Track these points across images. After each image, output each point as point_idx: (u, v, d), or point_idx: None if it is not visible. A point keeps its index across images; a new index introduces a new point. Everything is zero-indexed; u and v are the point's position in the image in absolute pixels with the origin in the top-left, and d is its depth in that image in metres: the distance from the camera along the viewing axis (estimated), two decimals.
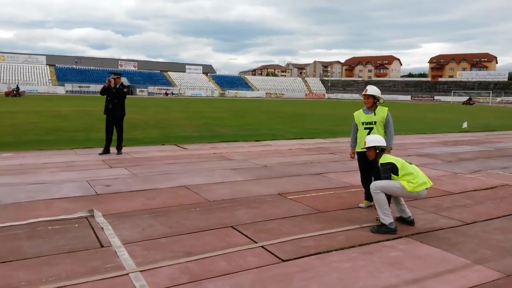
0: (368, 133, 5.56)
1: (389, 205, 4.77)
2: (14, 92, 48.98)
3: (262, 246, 4.10)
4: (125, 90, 9.87)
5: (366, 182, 5.65)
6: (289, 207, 5.61)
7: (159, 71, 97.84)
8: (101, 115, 10.24)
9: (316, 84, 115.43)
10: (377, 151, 4.95)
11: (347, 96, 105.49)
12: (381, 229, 4.64)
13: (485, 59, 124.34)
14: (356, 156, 5.91)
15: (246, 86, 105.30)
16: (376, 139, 5.01)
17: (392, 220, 4.64)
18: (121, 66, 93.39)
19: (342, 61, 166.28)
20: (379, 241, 4.36)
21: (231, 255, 3.85)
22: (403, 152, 11.37)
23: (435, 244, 4.33)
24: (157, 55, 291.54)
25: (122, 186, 6.52)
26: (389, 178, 4.72)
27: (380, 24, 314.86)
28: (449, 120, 26.13)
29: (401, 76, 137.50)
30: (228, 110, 32.41)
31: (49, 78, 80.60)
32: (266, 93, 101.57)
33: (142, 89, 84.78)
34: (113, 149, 9.84)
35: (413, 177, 4.66)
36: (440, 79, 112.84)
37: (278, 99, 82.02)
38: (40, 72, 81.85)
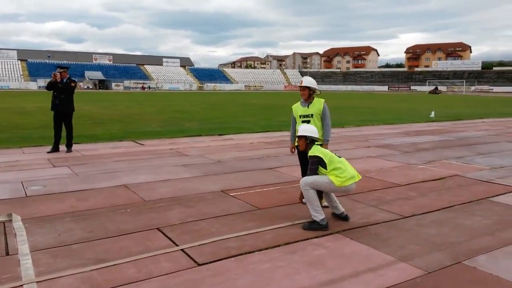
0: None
1: (321, 202, 4.62)
2: None
3: (182, 250, 3.89)
4: (72, 84, 9.45)
5: None
6: (227, 205, 5.41)
7: (135, 65, 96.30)
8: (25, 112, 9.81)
9: (295, 76, 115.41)
10: (308, 142, 4.78)
11: (325, 87, 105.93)
12: (312, 225, 4.49)
13: (460, 49, 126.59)
14: (296, 151, 5.73)
15: (225, 79, 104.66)
16: (308, 129, 4.84)
17: (323, 217, 4.49)
18: (95, 60, 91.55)
19: (321, 52, 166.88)
20: (307, 239, 4.20)
21: (144, 261, 3.62)
22: (363, 143, 11.33)
23: (364, 240, 4.19)
24: (134, 48, 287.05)
25: (58, 186, 6.20)
26: (316, 171, 4.56)
27: (358, 14, 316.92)
28: (420, 110, 26.36)
29: (379, 67, 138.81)
30: (202, 104, 32.04)
31: (21, 74, 78.40)
32: (245, 86, 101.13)
33: (118, 83, 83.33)
34: (63, 147, 9.46)
35: (341, 171, 4.51)
36: (416, 69, 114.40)
37: (256, 92, 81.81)
38: (11, 67, 79.53)
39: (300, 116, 5.48)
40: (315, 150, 4.64)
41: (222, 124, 16.53)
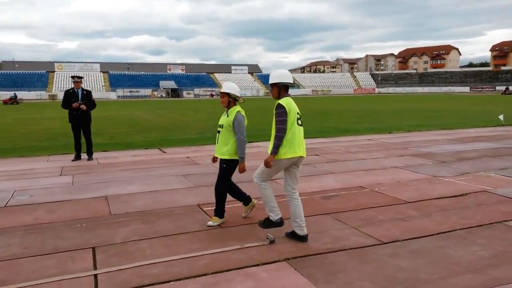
0: (217, 138, 4.83)
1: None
2: (12, 100, 51.65)
3: (95, 275, 3.53)
4: (92, 98, 9.70)
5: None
6: (189, 221, 4.97)
7: (205, 73, 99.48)
8: (121, 119, 10.02)
9: (365, 79, 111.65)
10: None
11: (399, 89, 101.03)
12: (266, 222, 4.27)
13: None
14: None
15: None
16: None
17: (279, 217, 4.20)
18: (169, 70, 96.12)
19: (396, 53, 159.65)
20: (244, 267, 3.62)
21: (44, 286, 3.32)
22: (399, 151, 10.22)
23: (309, 272, 3.51)
24: (209, 58, 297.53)
25: (42, 197, 6.21)
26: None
27: (439, 12, 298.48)
28: (494, 113, 23.69)
29: (460, 67, 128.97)
30: (255, 110, 31.89)
31: (103, 85, 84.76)
32: (312, 91, 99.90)
33: (189, 91, 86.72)
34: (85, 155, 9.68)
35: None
36: (502, 68, 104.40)
37: (323, 96, 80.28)
38: (95, 79, 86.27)
39: (219, 125, 4.91)
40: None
41: (259, 130, 16.06)
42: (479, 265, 3.61)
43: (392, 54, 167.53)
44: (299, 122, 4.22)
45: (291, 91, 4.46)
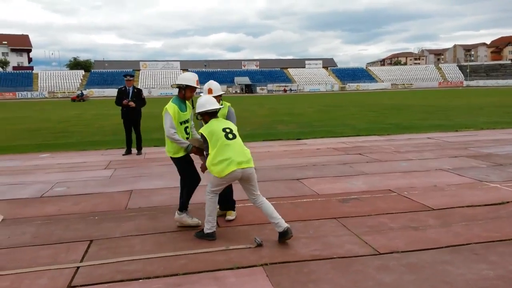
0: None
1: None
2: (79, 97, 55.30)
3: (77, 267, 3.71)
4: (142, 96, 10.20)
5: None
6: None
7: (279, 69, 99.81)
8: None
9: (452, 71, 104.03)
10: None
11: (491, 82, 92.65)
12: (199, 233, 4.33)
13: None
14: None
15: (369, 78, 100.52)
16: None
17: (211, 231, 4.22)
18: (244, 66, 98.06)
19: (489, 42, 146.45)
20: (218, 270, 3.57)
21: (30, 275, 3.56)
22: (455, 152, 9.38)
23: (279, 280, 3.36)
24: (286, 53, 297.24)
25: (78, 189, 6.68)
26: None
27: None
28: None
29: None
30: (321, 105, 31.30)
31: None
32: (391, 84, 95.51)
33: (262, 87, 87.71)
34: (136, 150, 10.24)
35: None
36: None
37: (403, 90, 76.34)
38: (175, 76, 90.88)
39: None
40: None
41: (317, 127, 15.77)
42: (476, 287, 3.18)
43: (483, 44, 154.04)
44: (229, 136, 4.18)
45: (369, 85, 4.42)
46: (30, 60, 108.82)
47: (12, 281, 3.45)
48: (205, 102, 4.36)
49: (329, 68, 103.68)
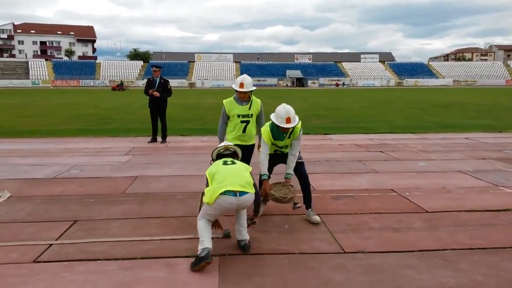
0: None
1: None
2: (119, 87, 57.37)
3: (50, 244, 3.95)
4: (168, 87, 10.49)
5: None
6: (178, 207, 5.13)
7: (333, 62, 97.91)
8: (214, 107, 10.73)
9: None
10: None
11: None
12: (194, 261, 3.47)
13: None
14: None
15: (429, 73, 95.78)
16: None
17: (202, 247, 3.47)
18: (296, 60, 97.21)
19: None
20: (174, 257, 3.66)
21: (8, 248, 3.85)
22: (487, 153, 8.80)
23: (226, 271, 3.38)
24: (343, 46, 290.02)
25: (90, 172, 7.05)
26: None
27: None
28: None
29: None
30: (369, 101, 30.35)
31: (234, 74, 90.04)
32: (453, 81, 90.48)
33: (314, 81, 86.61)
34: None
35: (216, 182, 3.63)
36: None
37: (464, 87, 72.06)
38: (228, 68, 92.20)
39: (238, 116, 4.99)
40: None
41: (352, 122, 15.38)
42: None
43: None
44: (229, 163, 3.80)
45: (428, 81, 4.43)
46: (94, 50, 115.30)
47: None
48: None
49: (386, 62, 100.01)
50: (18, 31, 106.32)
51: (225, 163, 3.80)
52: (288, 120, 4.37)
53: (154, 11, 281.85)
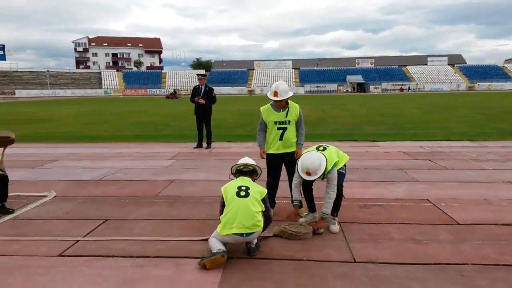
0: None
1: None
2: (172, 95, 57.68)
3: (77, 240, 4.26)
4: (213, 94, 10.81)
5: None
6: (203, 210, 5.28)
7: (397, 66, 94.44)
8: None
9: None
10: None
11: None
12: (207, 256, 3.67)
13: None
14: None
15: (505, 76, 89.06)
16: None
17: (216, 249, 3.67)
18: (358, 64, 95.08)
19: None
20: (184, 257, 3.79)
21: (39, 242, 4.22)
22: None
23: (230, 274, 3.45)
24: (410, 49, 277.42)
25: (132, 175, 7.46)
26: None
27: None
28: None
29: None
30: (431, 106, 28.86)
31: (293, 80, 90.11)
32: None
33: (376, 86, 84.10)
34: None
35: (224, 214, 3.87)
36: None
37: None
38: (286, 75, 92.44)
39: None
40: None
41: (406, 129, 14.77)
42: None
43: None
44: (242, 193, 3.88)
45: (504, 84, 4.52)
46: (160, 60, 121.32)
47: (22, 246, 4.14)
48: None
49: (455, 65, 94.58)
50: (92, 44, 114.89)
51: (238, 192, 3.89)
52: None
53: (217, 21, 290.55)
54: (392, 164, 8.25)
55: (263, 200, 3.97)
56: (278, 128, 4.93)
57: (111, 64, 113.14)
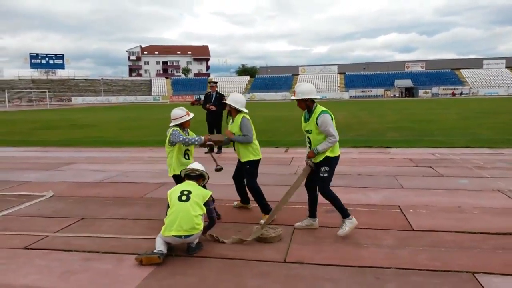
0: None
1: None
2: (197, 101, 57.55)
3: (46, 235, 4.74)
4: (224, 100, 11.16)
5: None
6: None
7: (449, 70, 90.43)
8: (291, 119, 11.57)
9: None
10: None
11: None
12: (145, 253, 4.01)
13: None
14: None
15: None
16: None
17: (156, 248, 3.99)
18: (407, 68, 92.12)
19: None
20: (130, 253, 4.11)
21: (11, 236, 4.74)
22: None
23: (160, 269, 3.72)
24: (468, 52, 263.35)
25: (132, 178, 7.95)
26: None
27: None
28: None
29: None
30: (475, 111, 27.52)
31: (338, 85, 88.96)
32: None
33: (426, 90, 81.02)
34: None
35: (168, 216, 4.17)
36: None
37: None
38: (331, 80, 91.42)
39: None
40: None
41: (430, 136, 14.31)
42: None
43: None
44: (183, 198, 4.15)
45: None
46: (208, 67, 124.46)
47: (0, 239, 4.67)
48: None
49: None
50: (144, 53, 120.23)
51: (180, 197, 4.18)
52: (294, 93, 4.65)
53: (266, 27, 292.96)
54: (388, 170, 8.16)
55: (205, 204, 4.23)
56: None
57: (161, 72, 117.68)
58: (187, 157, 5.18)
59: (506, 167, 8.21)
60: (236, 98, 5.23)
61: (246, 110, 5.24)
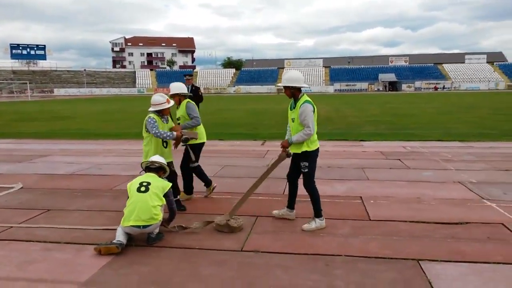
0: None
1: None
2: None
3: (11, 226, 4.77)
4: (200, 93, 11.23)
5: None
6: None
7: (432, 64, 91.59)
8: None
9: None
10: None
11: None
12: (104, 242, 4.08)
13: None
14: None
15: None
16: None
17: (116, 239, 4.07)
18: (391, 62, 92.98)
19: None
20: (90, 244, 4.18)
21: None
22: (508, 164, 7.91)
23: (118, 259, 3.81)
24: (451, 47, 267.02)
25: (106, 171, 7.97)
26: None
27: None
28: None
29: None
30: (453, 106, 28.06)
31: (323, 79, 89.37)
32: None
33: (409, 84, 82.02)
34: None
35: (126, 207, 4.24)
36: None
37: None
38: (317, 73, 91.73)
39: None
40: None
41: (405, 129, 14.62)
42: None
43: None
44: (142, 189, 4.24)
45: None
46: (193, 60, 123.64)
47: None
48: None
49: (495, 63, 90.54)
50: (128, 44, 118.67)
51: (139, 188, 4.27)
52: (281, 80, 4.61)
53: (253, 20, 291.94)
54: (358, 163, 8.35)
55: (165, 195, 4.31)
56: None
57: (145, 64, 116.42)
58: (165, 145, 5.21)
59: (472, 160, 8.48)
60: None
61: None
